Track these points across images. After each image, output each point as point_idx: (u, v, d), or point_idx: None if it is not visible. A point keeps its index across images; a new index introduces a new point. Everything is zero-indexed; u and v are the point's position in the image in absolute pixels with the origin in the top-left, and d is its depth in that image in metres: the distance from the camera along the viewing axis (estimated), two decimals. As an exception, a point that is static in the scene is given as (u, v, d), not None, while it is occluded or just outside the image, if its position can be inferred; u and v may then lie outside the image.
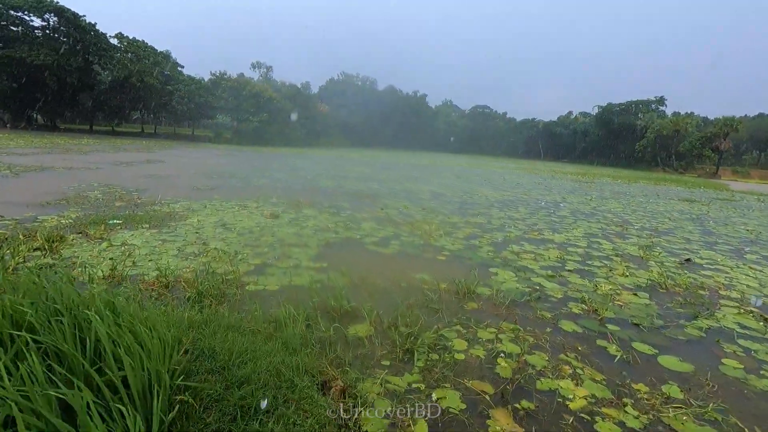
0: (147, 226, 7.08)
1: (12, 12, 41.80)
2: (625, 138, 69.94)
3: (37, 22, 43.80)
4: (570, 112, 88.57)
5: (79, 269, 4.73)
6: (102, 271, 4.68)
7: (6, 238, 5.72)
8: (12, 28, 42.22)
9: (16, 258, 4.93)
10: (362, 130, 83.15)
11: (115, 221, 7.21)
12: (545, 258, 6.97)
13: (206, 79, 53.74)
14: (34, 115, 47.37)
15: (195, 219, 7.89)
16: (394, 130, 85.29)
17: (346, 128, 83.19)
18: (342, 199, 12.06)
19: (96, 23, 46.33)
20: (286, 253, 6.10)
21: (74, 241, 5.93)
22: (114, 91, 48.32)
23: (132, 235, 6.46)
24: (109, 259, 5.25)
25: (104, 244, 5.83)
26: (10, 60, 39.92)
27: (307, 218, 8.84)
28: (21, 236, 5.78)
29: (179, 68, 54.10)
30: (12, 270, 4.54)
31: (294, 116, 57.47)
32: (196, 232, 6.93)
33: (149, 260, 5.34)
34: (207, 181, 13.92)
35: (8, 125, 42.90)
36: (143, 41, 50.49)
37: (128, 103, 50.77)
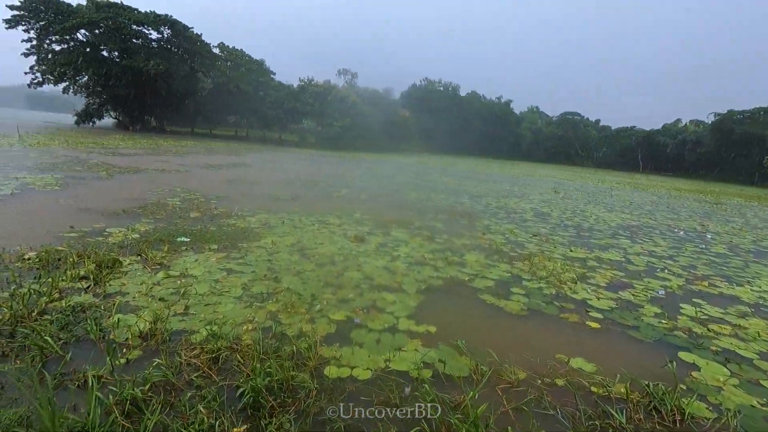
0: (215, 247, 6.01)
1: (134, 26, 46.60)
2: (749, 151, 59.57)
3: (153, 34, 48.43)
4: (678, 120, 78.29)
5: (116, 318, 3.59)
6: (140, 326, 3.48)
7: (59, 259, 4.90)
8: (134, 40, 47.02)
9: (53, 293, 3.96)
10: (442, 136, 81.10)
11: (183, 239, 6.26)
12: (752, 334, 4.64)
13: (295, 86, 55.57)
14: (147, 119, 52.37)
15: (270, 239, 6.72)
16: (475, 136, 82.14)
17: (427, 134, 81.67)
18: (433, 217, 10.38)
19: (201, 34, 50.09)
20: (377, 303, 4.55)
21: (129, 266, 4.95)
22: (213, 96, 51.77)
23: (195, 260, 5.38)
24: (159, 299, 4.10)
25: (160, 274, 4.76)
26: (132, 69, 44.36)
27: (398, 243, 7.29)
28: (74, 257, 4.93)
29: (271, 75, 56.62)
30: (37, 313, 3.52)
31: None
32: (269, 260, 5.69)
33: (205, 304, 4.10)
34: (288, 189, 13.10)
35: (129, 128, 47.75)
36: (241, 50, 53.65)
37: (225, 108, 54.15)
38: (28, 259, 4.83)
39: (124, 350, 3.14)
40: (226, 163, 20.19)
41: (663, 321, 4.82)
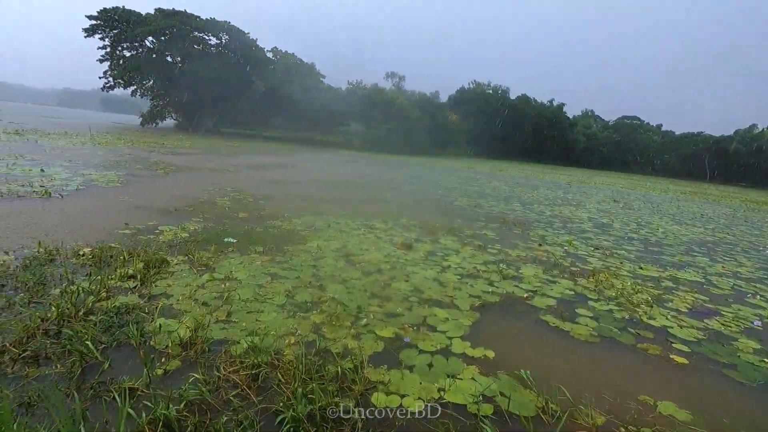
0: (260, 250, 5.89)
1: (196, 33, 49.21)
2: None
3: (213, 40, 50.91)
4: (753, 126, 71.44)
5: (158, 323, 3.46)
6: (181, 333, 3.33)
7: (111, 257, 4.94)
8: (195, 46, 49.65)
9: (101, 292, 3.93)
10: (490, 140, 79.24)
11: (229, 239, 6.21)
12: None
13: (343, 88, 56.33)
14: (204, 121, 55.03)
15: (315, 243, 6.53)
16: (524, 141, 79.58)
17: (474, 138, 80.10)
18: (484, 225, 9.84)
19: (256, 39, 52.03)
20: (428, 320, 4.18)
21: (176, 266, 4.90)
22: (264, 99, 53.51)
23: (240, 263, 5.26)
24: (202, 304, 3.97)
25: (205, 276, 4.66)
26: (192, 74, 46.82)
27: (447, 252, 6.87)
28: (124, 255, 4.95)
29: (321, 78, 57.75)
30: (84, 313, 3.46)
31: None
32: (314, 265, 5.48)
33: (247, 312, 3.91)
34: (333, 191, 13.01)
35: (189, 129, 50.41)
36: (293, 54, 55.20)
37: (275, 111, 55.82)
38: (83, 255, 4.90)
39: (163, 359, 2.98)
40: (274, 163, 20.58)
41: (766, 360, 4.08)
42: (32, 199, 7.64)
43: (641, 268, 7.24)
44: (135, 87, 49.53)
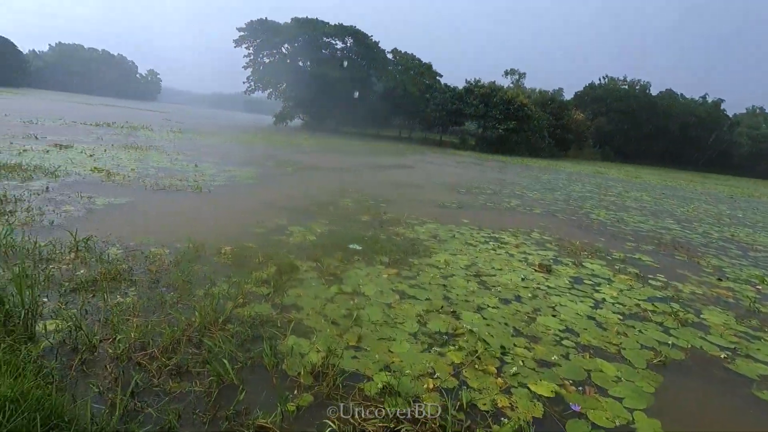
0: (385, 260, 5.56)
1: (324, 38, 52.70)
2: None
3: (339, 44, 53.99)
4: None
5: (290, 343, 3.25)
6: (313, 359, 3.06)
7: (247, 257, 5.04)
8: (323, 51, 53.24)
9: (238, 297, 3.92)
10: (623, 142, 70.63)
11: (354, 246, 6.02)
12: None
13: (460, 87, 55.07)
14: (327, 121, 58.81)
15: (441, 257, 6.00)
16: (665, 143, 68.96)
17: (603, 140, 72.23)
18: (635, 245, 8.27)
19: (379, 41, 53.71)
20: (594, 377, 3.32)
21: (306, 273, 4.79)
22: (383, 99, 55.04)
23: (366, 275, 4.97)
24: (331, 322, 3.71)
25: (333, 288, 4.44)
26: (320, 77, 50.32)
27: (597, 281, 5.76)
28: (259, 257, 5.01)
29: (438, 77, 57.30)
30: (223, 321, 3.42)
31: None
32: (443, 285, 4.95)
33: (378, 338, 3.53)
34: (453, 195, 12.37)
35: (314, 129, 54.41)
36: (412, 54, 55.69)
37: (392, 111, 57.07)
38: (224, 253, 5.09)
39: (295, 391, 2.71)
40: (392, 164, 20.69)
41: None
42: (187, 192, 8.50)
43: None
44: (271, 90, 55.07)
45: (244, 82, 54.01)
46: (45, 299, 3.50)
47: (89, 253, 4.60)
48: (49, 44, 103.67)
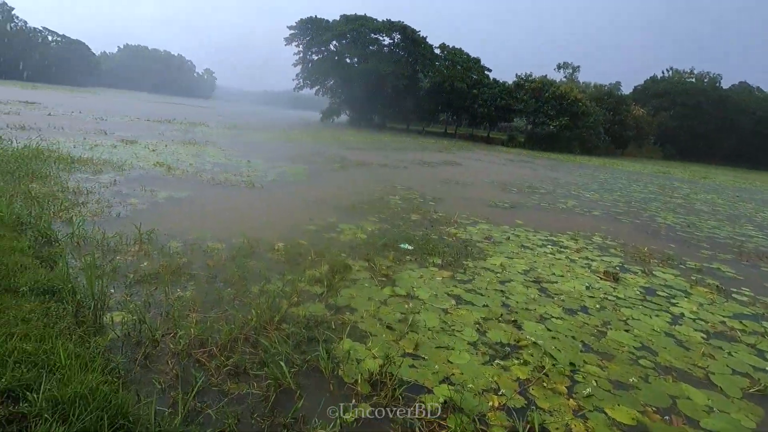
0: (438, 262, 5.36)
1: (372, 35, 52.82)
2: None
3: (386, 40, 53.90)
4: None
5: (346, 347, 3.15)
6: (370, 366, 2.93)
7: (299, 254, 5.02)
8: (370, 47, 53.39)
9: (293, 295, 3.87)
10: (688, 140, 65.63)
11: (405, 246, 5.86)
12: None
13: (510, 82, 53.35)
14: (372, 116, 59.04)
15: (497, 260, 5.70)
16: (737, 141, 63.40)
17: (665, 137, 67.48)
18: (711, 254, 7.52)
19: (426, 37, 53.08)
20: (680, 404, 2.96)
21: (358, 273, 4.69)
22: (430, 95, 54.40)
23: (420, 277, 4.79)
24: (386, 327, 3.57)
25: (386, 291, 4.31)
26: (366, 73, 50.54)
27: (672, 292, 5.24)
28: (312, 255, 4.97)
29: (486, 72, 55.80)
30: (278, 321, 3.37)
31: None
32: (501, 291, 4.67)
33: (436, 346, 3.35)
34: (504, 194, 11.90)
35: (361, 124, 54.77)
36: (460, 49, 54.57)
37: (438, 106, 56.31)
38: (277, 250, 5.10)
39: (353, 401, 2.59)
40: (439, 161, 20.32)
41: None
42: (241, 188, 8.71)
43: None
44: (318, 87, 56.04)
45: (293, 80, 55.39)
46: (111, 290, 3.61)
47: (152, 246, 4.76)
48: (118, 46, 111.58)
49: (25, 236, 4.17)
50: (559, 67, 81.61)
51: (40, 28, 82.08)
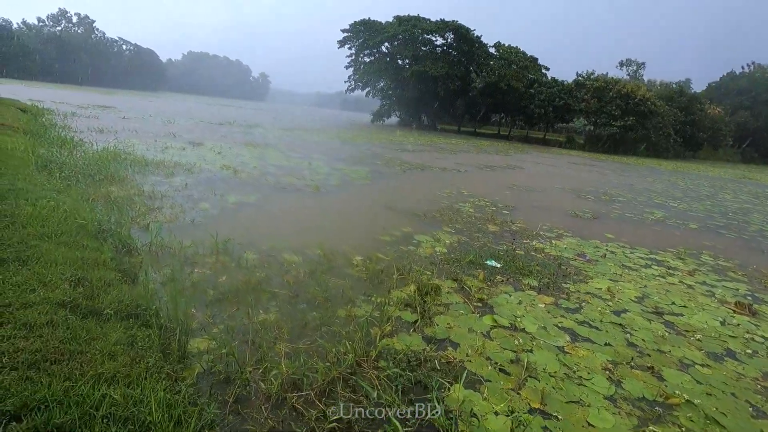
0: (534, 285, 4.71)
1: (424, 36, 52.14)
2: None
3: (439, 40, 53.02)
4: None
5: (460, 395, 2.63)
6: (494, 427, 2.39)
7: (381, 271, 4.57)
8: (422, 48, 52.73)
9: (384, 323, 3.42)
10: (773, 142, 59.25)
11: (492, 263, 5.25)
12: None
13: (569, 81, 50.66)
14: (422, 118, 58.34)
15: (601, 284, 4.96)
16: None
17: (743, 138, 61.41)
18: None
19: (481, 36, 51.63)
20: None
21: (448, 295, 4.16)
22: (482, 95, 52.85)
23: (519, 302, 4.18)
24: (498, 370, 3.01)
25: (486, 320, 3.74)
26: (418, 74, 49.95)
27: (833, 334, 4.26)
28: (395, 273, 4.50)
29: (544, 71, 53.37)
30: (374, 358, 2.92)
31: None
32: (619, 324, 3.96)
33: (565, 400, 2.74)
34: (581, 202, 10.90)
35: (413, 126, 54.29)
36: (516, 47, 52.56)
37: (492, 107, 54.58)
38: (356, 265, 4.69)
39: (488, 479, 2.07)
40: (499, 164, 19.36)
41: None
42: (306, 192, 8.46)
43: None
44: (369, 89, 56.18)
45: (345, 81, 55.90)
46: (193, 309, 3.33)
47: (228, 257, 4.50)
48: (182, 53, 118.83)
49: (106, 245, 4.03)
50: (621, 64, 76.85)
51: (116, 39, 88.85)
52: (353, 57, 54.61)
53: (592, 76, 50.57)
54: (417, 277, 4.47)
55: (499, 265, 5.21)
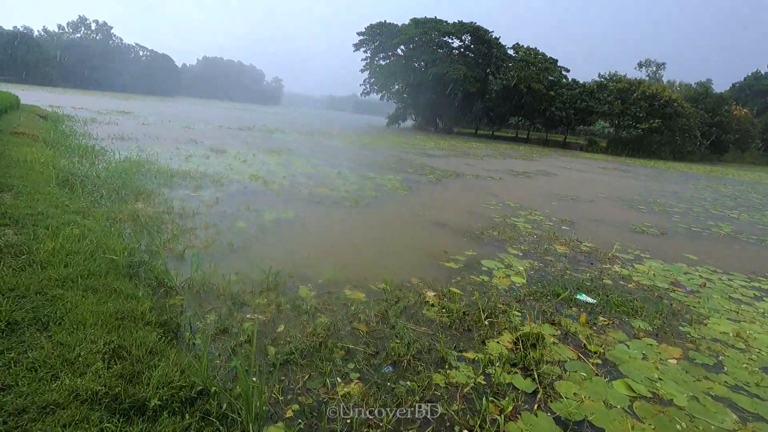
0: (648, 330, 3.88)
1: (441, 38, 51.31)
2: None
3: (456, 42, 52.17)
4: None
5: None
6: None
7: (465, 314, 3.79)
8: (438, 50, 51.90)
9: (495, 391, 2.64)
10: (804, 144, 57.00)
11: (585, 298, 4.44)
12: None
13: (590, 81, 49.36)
14: (438, 121, 57.40)
15: (724, 326, 4.11)
16: None
17: (773, 140, 59.24)
18: None
19: (499, 37, 50.66)
20: None
21: (557, 349, 3.36)
22: (501, 98, 51.75)
23: (642, 356, 3.37)
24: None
25: (618, 387, 2.93)
26: (435, 77, 49.11)
27: None
28: (481, 318, 3.72)
29: (564, 72, 52.09)
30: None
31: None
32: (756, 395, 3.13)
33: None
34: (636, 215, 10.00)
35: (430, 129, 53.27)
36: (535, 48, 51.41)
37: (510, 110, 53.40)
38: (432, 304, 3.92)
39: None
40: (530, 170, 18.44)
41: None
42: (345, 206, 7.74)
43: None
44: (383, 92, 55.51)
45: (360, 85, 55.37)
46: (254, 378, 2.60)
47: (281, 295, 3.77)
48: (197, 58, 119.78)
49: (141, 285, 3.33)
50: (640, 65, 74.80)
51: (133, 44, 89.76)
52: (368, 60, 54.06)
53: (615, 77, 49.16)
54: (508, 320, 3.69)
55: (594, 301, 4.39)
